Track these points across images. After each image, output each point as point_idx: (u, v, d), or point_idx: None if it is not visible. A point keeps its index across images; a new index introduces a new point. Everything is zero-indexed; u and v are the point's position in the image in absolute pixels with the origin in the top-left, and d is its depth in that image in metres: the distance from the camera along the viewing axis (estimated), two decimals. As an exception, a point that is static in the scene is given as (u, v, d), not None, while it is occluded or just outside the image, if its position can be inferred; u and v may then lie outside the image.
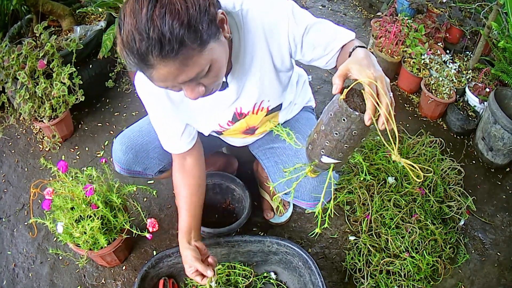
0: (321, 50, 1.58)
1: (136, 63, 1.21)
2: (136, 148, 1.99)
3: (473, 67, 3.60)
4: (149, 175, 2.11)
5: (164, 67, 1.20)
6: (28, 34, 3.21)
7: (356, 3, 5.04)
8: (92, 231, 1.96)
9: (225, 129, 1.90)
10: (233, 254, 2.24)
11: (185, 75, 1.26)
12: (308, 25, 1.53)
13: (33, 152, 3.01)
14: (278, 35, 1.56)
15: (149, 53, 1.17)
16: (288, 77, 1.82)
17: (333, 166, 1.34)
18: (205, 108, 1.75)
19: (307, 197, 1.91)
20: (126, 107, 3.33)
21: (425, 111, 3.49)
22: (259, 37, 1.56)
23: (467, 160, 3.19)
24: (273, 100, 1.82)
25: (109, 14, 3.31)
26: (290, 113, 2.11)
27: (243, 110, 1.79)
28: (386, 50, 3.60)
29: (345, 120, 1.16)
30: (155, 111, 1.77)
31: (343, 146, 1.23)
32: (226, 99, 1.72)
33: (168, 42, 1.16)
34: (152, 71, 1.22)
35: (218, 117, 1.81)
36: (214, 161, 2.65)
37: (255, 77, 1.67)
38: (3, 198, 2.74)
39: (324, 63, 1.65)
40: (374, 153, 2.84)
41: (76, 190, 1.96)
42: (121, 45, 1.21)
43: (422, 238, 2.44)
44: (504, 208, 2.92)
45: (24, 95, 2.69)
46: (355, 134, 1.19)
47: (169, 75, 1.23)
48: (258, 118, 1.87)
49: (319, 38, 1.56)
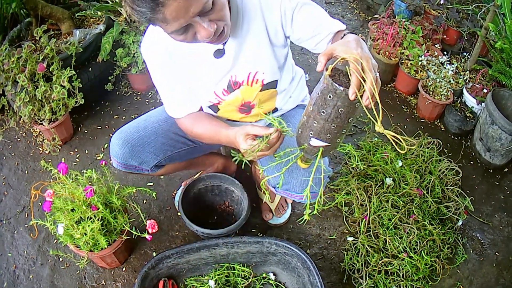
0: (310, 30, 1.68)
1: (149, 7, 1.27)
2: (132, 142, 2.02)
3: (471, 68, 3.61)
4: (145, 170, 2.13)
5: (173, 1, 1.27)
6: (27, 38, 3.23)
7: (354, 5, 5.07)
8: (93, 232, 1.97)
9: (221, 99, 1.93)
10: (232, 255, 2.25)
11: (194, 6, 1.33)
12: (299, 3, 1.66)
13: (33, 155, 3.02)
14: (272, 7, 1.68)
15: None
16: (283, 55, 1.89)
17: (322, 149, 1.36)
18: (202, 73, 1.82)
19: (299, 189, 1.94)
20: (125, 110, 3.35)
21: (422, 112, 3.50)
22: (255, 8, 1.68)
23: (465, 161, 3.20)
24: (267, 73, 1.86)
25: (108, 18, 3.33)
26: (286, 104, 2.14)
27: (237, 78, 1.84)
28: (383, 52, 3.62)
29: (331, 97, 1.18)
30: (161, 74, 1.84)
31: (331, 126, 1.26)
32: (222, 67, 1.79)
33: None
34: (165, 10, 1.29)
35: (214, 85, 1.86)
36: (212, 162, 2.66)
37: (251, 45, 1.75)
38: (4, 201, 2.76)
39: (313, 45, 1.73)
40: (372, 154, 2.87)
41: (76, 192, 1.98)
42: (131, 1, 1.29)
43: (420, 239, 2.45)
44: (502, 208, 2.93)
45: (24, 98, 2.70)
46: (341, 112, 1.21)
47: (179, 9, 1.30)
48: (253, 92, 1.91)
49: (310, 18, 1.67)
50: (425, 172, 2.83)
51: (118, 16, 3.38)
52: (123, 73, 3.31)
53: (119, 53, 3.16)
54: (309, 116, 1.31)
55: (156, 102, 3.40)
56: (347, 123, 1.28)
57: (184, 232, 2.58)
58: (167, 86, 1.87)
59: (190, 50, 1.75)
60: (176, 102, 1.90)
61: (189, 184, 2.43)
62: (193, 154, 2.32)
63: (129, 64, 3.26)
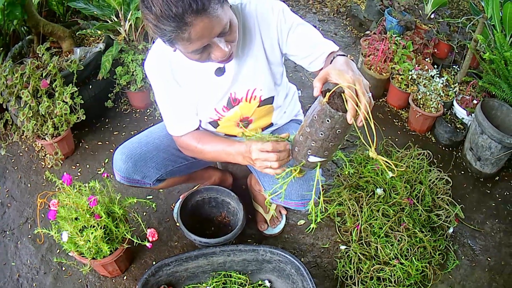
0: (304, 50, 1.79)
1: (175, 27, 1.37)
2: (135, 157, 2.09)
3: (461, 81, 3.68)
4: (147, 184, 2.19)
5: (200, 22, 1.37)
6: (29, 54, 3.28)
7: (347, 22, 5.12)
8: (96, 239, 2.03)
9: (221, 116, 2.00)
10: (229, 263, 2.31)
11: (217, 27, 1.43)
12: (294, 23, 1.77)
13: (36, 168, 3.07)
14: (269, 26, 1.78)
15: (186, 12, 1.33)
16: (279, 73, 1.98)
17: (320, 164, 1.46)
18: (204, 91, 1.89)
19: (294, 196, 2.02)
20: (125, 127, 3.41)
21: (413, 125, 3.56)
22: (254, 27, 1.77)
23: (455, 171, 3.27)
24: (265, 90, 1.94)
25: (107, 37, 3.38)
26: (281, 119, 2.21)
27: (237, 95, 1.92)
28: (374, 68, 3.68)
29: (329, 121, 1.28)
30: (163, 91, 1.91)
31: (328, 145, 1.35)
32: (223, 84, 1.87)
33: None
34: (190, 30, 1.38)
35: (215, 102, 1.94)
36: (210, 176, 2.72)
37: (250, 64, 1.84)
38: (7, 212, 2.80)
39: (307, 63, 1.85)
40: (363, 166, 2.94)
41: (80, 201, 2.04)
42: (156, 20, 1.38)
43: (411, 246, 2.52)
44: (493, 215, 2.99)
45: (28, 113, 2.76)
46: (339, 132, 1.30)
47: (205, 29, 1.40)
48: (251, 108, 1.99)
49: (304, 38, 1.79)
50: (415, 182, 2.89)
51: (117, 35, 3.44)
52: (122, 90, 3.37)
53: (119, 71, 3.21)
54: (306, 137, 1.39)
55: (154, 119, 3.46)
56: (343, 139, 1.37)
57: (182, 242, 2.64)
58: (168, 104, 1.93)
59: (192, 69, 1.82)
60: (176, 120, 1.97)
61: (187, 197, 2.49)
62: (192, 169, 2.39)
63: (128, 82, 3.31)
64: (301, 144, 1.42)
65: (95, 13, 3.29)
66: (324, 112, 1.28)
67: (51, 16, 3.71)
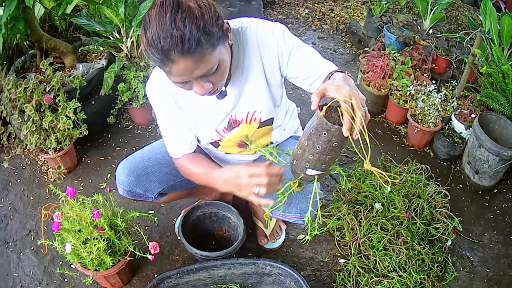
0: (305, 72, 1.80)
1: (159, 58, 1.41)
2: (137, 171, 2.13)
3: (459, 95, 3.71)
4: (149, 197, 2.22)
5: (183, 62, 1.41)
6: (32, 69, 3.32)
7: (346, 39, 5.17)
8: (98, 251, 2.06)
9: (222, 137, 2.04)
10: (229, 276, 2.33)
11: (199, 70, 1.47)
12: (295, 46, 1.78)
13: (39, 182, 3.10)
14: (269, 50, 1.79)
15: (172, 50, 1.37)
16: (279, 95, 2.01)
17: (317, 177, 1.49)
18: (205, 115, 1.93)
19: (294, 210, 2.06)
20: (127, 142, 3.44)
21: (412, 140, 3.59)
22: (254, 51, 1.79)
23: (454, 185, 3.29)
24: (265, 112, 1.98)
25: (109, 53, 3.42)
26: (280, 136, 2.25)
27: (237, 117, 1.95)
28: (373, 84, 3.70)
29: (325, 134, 1.32)
30: (163, 114, 1.94)
31: (326, 158, 1.39)
32: (224, 107, 1.90)
33: (188, 41, 1.37)
34: (172, 66, 1.43)
35: (216, 124, 1.98)
36: (210, 191, 2.76)
37: (250, 87, 1.87)
38: (10, 224, 2.83)
39: (307, 85, 1.85)
40: (361, 181, 2.97)
41: (83, 214, 2.07)
42: (146, 44, 1.42)
43: (409, 258, 2.54)
44: (492, 227, 3.01)
45: (31, 127, 2.79)
46: (335, 145, 1.34)
47: (186, 69, 1.44)
48: (251, 129, 2.02)
49: (305, 60, 1.80)
50: (413, 196, 2.92)
51: (120, 52, 3.47)
52: (124, 107, 3.40)
53: (121, 88, 3.25)
54: (304, 150, 1.43)
55: (156, 136, 3.49)
56: (339, 153, 1.41)
57: (184, 256, 2.66)
58: (168, 128, 1.97)
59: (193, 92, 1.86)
60: (174, 142, 2.00)
61: (188, 211, 2.52)
62: (193, 183, 2.40)
63: (130, 98, 3.34)
64: (299, 157, 1.46)
65: (97, 29, 3.32)
66: (321, 126, 1.32)
67: (53, 31, 3.76)
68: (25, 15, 2.94)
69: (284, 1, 5.99)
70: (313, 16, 5.65)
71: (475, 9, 5.95)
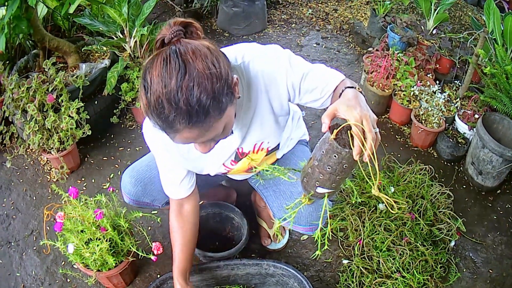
0: (317, 94, 1.69)
1: (162, 126, 1.31)
2: (144, 181, 2.12)
3: (463, 96, 3.69)
4: (156, 206, 2.23)
5: (188, 132, 1.32)
6: (34, 69, 3.33)
7: (349, 39, 5.15)
8: (101, 252, 2.06)
9: (230, 169, 2.03)
10: (232, 277, 2.33)
11: (205, 138, 1.39)
12: (304, 73, 1.65)
13: (41, 182, 3.10)
14: (277, 85, 1.68)
15: (177, 121, 1.27)
16: (285, 119, 1.95)
17: (327, 195, 1.49)
18: (211, 154, 1.85)
19: (303, 222, 2.04)
20: (130, 143, 3.44)
21: (416, 141, 3.58)
22: (260, 87, 1.69)
23: (457, 185, 3.29)
24: (272, 141, 1.96)
25: (112, 53, 3.42)
26: (287, 148, 2.24)
27: (244, 150, 1.92)
28: (377, 84, 3.69)
29: (336, 156, 1.31)
30: (160, 157, 1.90)
31: (336, 178, 1.38)
32: (231, 144, 1.87)
33: (196, 113, 1.27)
34: (176, 134, 1.33)
35: (223, 160, 1.95)
36: (214, 193, 2.75)
37: (257, 123, 1.81)
38: (12, 224, 2.83)
39: (319, 105, 1.76)
40: (365, 182, 2.95)
41: (86, 214, 2.07)
42: (147, 107, 1.29)
43: (413, 259, 2.53)
44: (495, 228, 3.00)
45: (34, 127, 2.80)
46: (346, 167, 1.34)
47: (190, 138, 1.37)
48: (259, 158, 2.00)
49: (314, 84, 1.68)
50: (417, 197, 2.91)
51: (123, 52, 3.48)
52: (127, 106, 3.39)
53: (124, 88, 3.24)
54: (314, 170, 1.42)
55: (159, 136, 3.48)
56: (350, 173, 1.41)
57: (187, 256, 2.66)
58: (165, 169, 1.94)
59: None
60: (170, 183, 1.98)
61: (192, 211, 2.52)
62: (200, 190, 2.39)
63: (134, 98, 3.33)
64: (310, 176, 1.45)
65: (101, 29, 3.33)
66: (331, 149, 1.31)
67: (56, 31, 3.77)
68: (28, 14, 2.94)
69: (287, 1, 5.98)
70: (317, 16, 5.64)
71: (479, 9, 5.93)
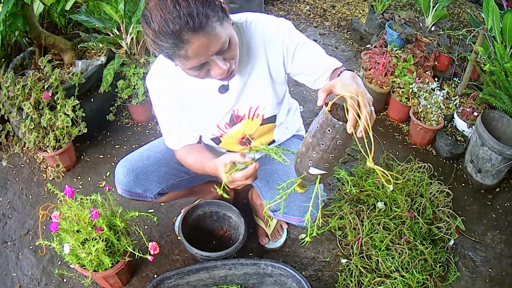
0: (310, 68, 1.80)
1: (172, 44, 1.39)
2: (136, 171, 2.11)
3: (462, 93, 3.68)
4: (148, 197, 2.20)
5: (197, 40, 1.39)
6: (30, 66, 3.30)
7: (347, 36, 5.14)
8: (97, 252, 2.04)
9: (223, 132, 2.02)
10: (230, 276, 2.31)
11: (214, 46, 1.45)
12: (300, 41, 1.78)
13: (37, 180, 3.08)
14: (275, 45, 1.79)
15: (183, 30, 1.35)
16: (282, 92, 1.99)
17: (320, 177, 1.47)
18: (207, 108, 1.92)
19: (296, 212, 2.04)
20: (126, 140, 3.42)
21: (414, 138, 3.57)
22: (259, 46, 1.78)
23: (456, 183, 3.28)
24: (268, 108, 1.97)
25: (109, 50, 3.40)
26: (283, 135, 2.24)
27: (239, 112, 1.94)
28: (375, 81, 3.68)
29: (330, 130, 1.29)
30: (163, 107, 1.92)
31: (329, 156, 1.36)
32: (226, 102, 1.89)
33: (197, 16, 1.36)
34: (187, 47, 1.40)
35: (218, 119, 1.96)
36: (211, 190, 2.72)
37: (253, 82, 1.86)
38: (8, 223, 2.81)
39: (311, 81, 1.85)
40: (364, 180, 2.95)
41: (82, 214, 2.05)
42: (154, 36, 1.40)
43: (412, 258, 2.52)
44: (494, 226, 3.00)
45: (29, 125, 2.78)
46: (339, 143, 1.32)
47: (201, 47, 1.42)
48: (254, 126, 2.01)
49: (310, 56, 1.80)
50: (416, 195, 2.90)
51: (119, 49, 3.46)
52: (124, 104, 3.38)
53: (120, 85, 3.23)
54: (308, 147, 1.40)
55: (156, 133, 3.47)
56: (343, 152, 1.38)
57: (184, 256, 2.65)
58: (168, 120, 1.95)
59: (195, 86, 1.84)
60: (174, 134, 1.99)
61: (189, 210, 2.50)
62: (193, 183, 2.40)
63: (130, 95, 3.32)
64: (303, 155, 1.44)
65: (97, 26, 3.31)
66: (326, 122, 1.30)
67: (53, 28, 3.75)
68: (24, 11, 2.93)
69: (285, -3, 5.97)
70: (314, 12, 5.62)
71: (477, 6, 5.93)
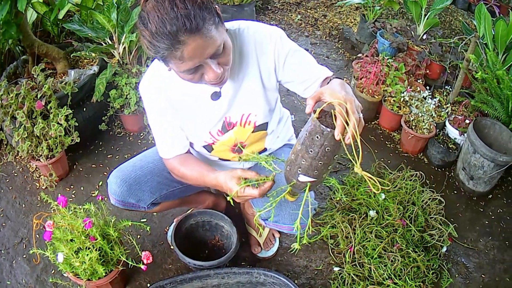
0: (301, 76, 1.82)
1: (168, 44, 1.40)
2: (129, 181, 2.11)
3: (454, 101, 3.70)
4: (142, 207, 2.20)
5: (193, 41, 1.40)
6: (23, 75, 3.30)
7: (339, 45, 5.16)
8: (91, 261, 2.04)
9: (216, 139, 2.02)
10: (223, 285, 2.31)
11: (210, 48, 1.46)
12: (291, 49, 1.80)
13: (30, 189, 3.07)
14: (267, 52, 1.80)
15: (180, 31, 1.37)
16: (274, 98, 2.00)
17: (310, 185, 1.47)
18: (199, 115, 1.92)
19: (287, 220, 2.04)
20: (118, 150, 3.42)
21: (406, 147, 3.58)
22: (252, 53, 1.80)
23: (448, 191, 3.29)
24: (259, 115, 1.97)
25: (101, 59, 3.41)
26: (274, 143, 2.24)
27: (231, 119, 1.94)
28: (367, 91, 3.69)
29: (318, 137, 1.30)
30: (157, 112, 1.91)
31: (318, 163, 1.37)
32: (219, 109, 1.89)
33: (194, 18, 1.38)
34: (183, 49, 1.41)
35: (210, 126, 1.96)
36: (203, 199, 2.73)
37: (246, 89, 1.87)
38: (2, 232, 2.80)
39: (302, 90, 1.87)
40: (355, 189, 2.96)
41: (75, 223, 2.05)
42: (150, 37, 1.42)
43: (405, 266, 2.52)
44: (487, 232, 3.01)
45: (22, 134, 2.78)
46: (328, 150, 1.33)
47: (197, 49, 1.43)
48: (246, 133, 2.01)
49: (301, 64, 1.82)
50: (408, 203, 2.91)
51: (111, 58, 3.46)
52: (116, 113, 3.38)
53: (113, 94, 3.23)
54: (297, 155, 1.41)
55: (148, 143, 3.48)
56: (332, 160, 1.39)
57: (177, 265, 2.64)
58: (161, 125, 1.95)
59: (188, 92, 1.84)
60: (167, 140, 1.98)
61: (181, 220, 2.50)
62: (186, 192, 2.40)
63: (122, 105, 3.32)
64: (293, 162, 1.45)
65: (90, 35, 3.30)
66: (314, 129, 1.31)
67: (46, 36, 3.75)
68: (18, 20, 2.94)
69: (276, 7, 5.99)
70: (306, 22, 5.65)
71: (469, 14, 5.97)
